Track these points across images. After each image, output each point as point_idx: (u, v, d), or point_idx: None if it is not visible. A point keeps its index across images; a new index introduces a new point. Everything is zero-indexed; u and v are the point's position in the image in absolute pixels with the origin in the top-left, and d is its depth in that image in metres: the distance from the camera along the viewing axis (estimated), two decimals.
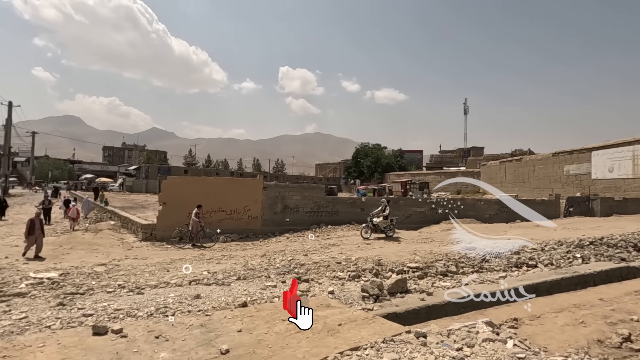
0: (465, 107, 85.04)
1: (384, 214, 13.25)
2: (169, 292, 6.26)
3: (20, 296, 6.22)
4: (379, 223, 13.08)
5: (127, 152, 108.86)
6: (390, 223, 13.28)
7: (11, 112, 38.47)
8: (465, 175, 44.91)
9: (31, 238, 10.06)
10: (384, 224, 13.15)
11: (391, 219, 13.39)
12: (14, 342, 3.90)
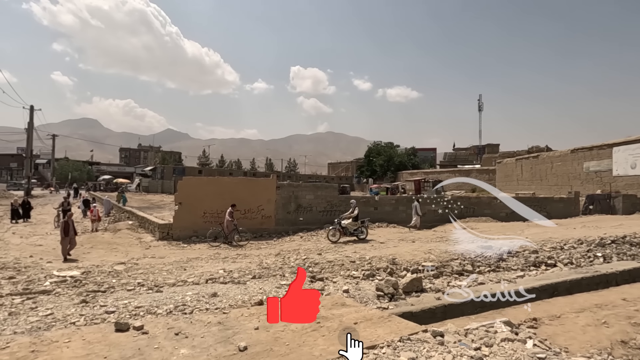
0: (480, 103, 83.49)
1: (352, 215, 12.71)
2: (187, 290, 6.38)
3: (45, 293, 6.44)
4: (348, 225, 12.51)
5: (143, 153, 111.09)
6: (360, 225, 12.73)
7: (33, 116, 39.76)
8: (480, 173, 44.21)
9: (66, 239, 10.30)
10: (354, 225, 12.58)
11: (362, 220, 12.89)
12: (41, 337, 4.06)
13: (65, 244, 10.27)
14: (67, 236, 10.29)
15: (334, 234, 12.49)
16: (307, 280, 7.16)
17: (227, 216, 12.74)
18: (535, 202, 19.25)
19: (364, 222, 12.90)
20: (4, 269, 8.58)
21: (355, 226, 12.67)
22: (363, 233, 12.76)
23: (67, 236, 10.30)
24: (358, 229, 12.69)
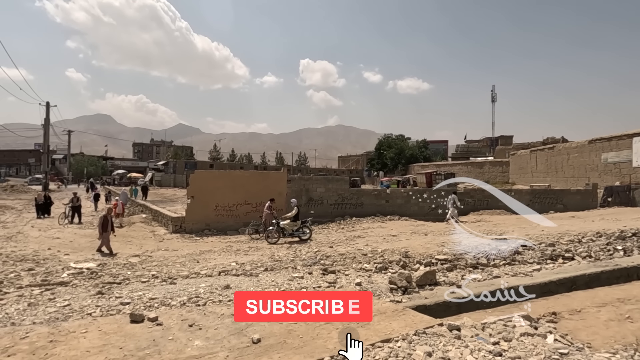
0: (493, 94, 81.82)
1: (291, 215, 12.21)
2: (200, 282, 6.42)
3: (63, 285, 6.57)
4: (286, 226, 12.02)
5: (155, 148, 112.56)
6: (301, 225, 12.24)
7: (49, 112, 40.54)
8: (493, 165, 43.47)
9: (105, 235, 10.24)
10: (293, 226, 12.09)
11: (304, 220, 12.39)
12: (59, 327, 4.12)
13: (106, 239, 10.22)
14: (105, 232, 10.21)
15: (272, 236, 11.96)
16: (319, 273, 7.14)
17: (266, 209, 12.96)
18: (551, 195, 18.83)
19: (305, 222, 12.43)
20: (24, 261, 8.81)
21: (296, 226, 12.15)
22: (305, 234, 12.20)
23: (106, 232, 10.22)
24: (299, 229, 12.18)
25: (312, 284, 6.27)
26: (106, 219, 10.36)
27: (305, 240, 12.01)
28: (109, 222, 10.42)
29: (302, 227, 12.30)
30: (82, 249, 10.89)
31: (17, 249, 10.33)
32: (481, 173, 43.28)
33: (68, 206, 16.47)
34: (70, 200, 16.81)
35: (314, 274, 7.17)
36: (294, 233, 12.14)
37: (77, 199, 16.55)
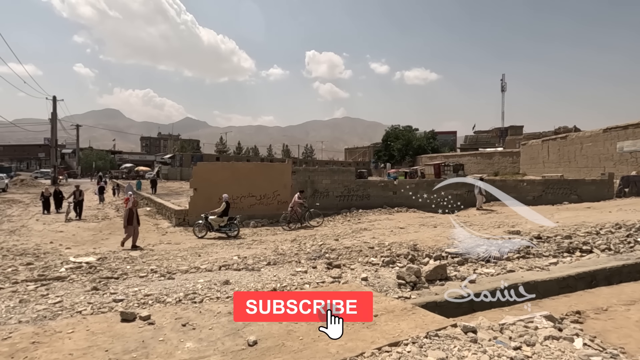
0: (503, 84, 79.98)
1: (218, 210, 11.86)
2: (199, 277, 6.16)
3: (60, 280, 6.36)
4: (212, 221, 11.72)
5: (162, 141, 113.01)
6: (229, 222, 11.87)
7: (56, 106, 40.69)
8: (503, 155, 42.58)
9: (130, 228, 9.97)
10: (220, 222, 11.75)
11: (231, 217, 11.98)
12: (45, 327, 3.88)
13: (130, 232, 9.96)
14: (131, 225, 9.96)
15: (200, 230, 11.79)
16: (323, 267, 6.84)
17: (296, 199, 13.32)
18: (565, 185, 18.21)
19: (233, 218, 12.05)
20: (24, 255, 8.67)
21: (222, 222, 11.80)
22: (232, 230, 11.84)
23: (131, 225, 9.96)
24: (226, 225, 11.82)
25: (316, 279, 5.96)
26: (131, 212, 10.06)
27: (232, 237, 11.58)
28: (135, 215, 10.11)
29: (230, 224, 11.88)
30: (84, 242, 10.76)
31: (19, 242, 10.23)
32: (490, 164, 42.44)
33: (69, 201, 15.67)
34: (71, 193, 15.95)
35: (318, 268, 6.86)
36: (220, 229, 11.77)
37: (79, 192, 15.70)
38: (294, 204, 13.31)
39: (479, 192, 15.11)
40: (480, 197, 15.08)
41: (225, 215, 11.82)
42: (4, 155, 75.57)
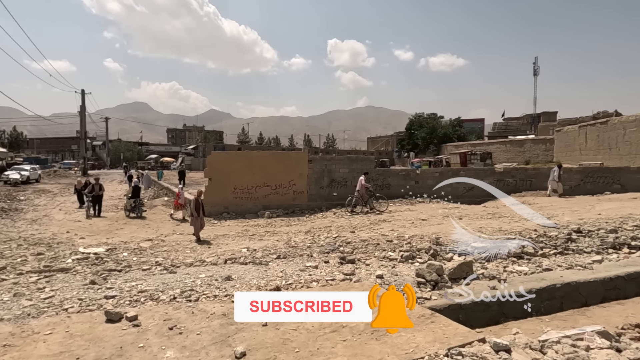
0: (535, 67, 75.60)
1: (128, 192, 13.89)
2: (201, 271, 5.80)
3: (64, 271, 6.18)
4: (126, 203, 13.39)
5: (187, 133, 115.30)
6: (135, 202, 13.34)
7: (84, 99, 41.94)
8: (535, 143, 40.23)
9: (197, 219, 9.51)
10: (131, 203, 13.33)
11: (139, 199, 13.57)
12: (24, 326, 3.59)
13: (197, 223, 9.49)
14: (198, 215, 9.50)
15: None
16: (336, 262, 6.31)
17: (363, 182, 13.12)
18: (607, 173, 16.69)
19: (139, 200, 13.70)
20: (38, 244, 8.67)
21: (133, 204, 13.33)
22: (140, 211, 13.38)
23: (199, 215, 9.51)
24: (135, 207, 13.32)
25: (326, 276, 5.45)
26: (198, 202, 9.60)
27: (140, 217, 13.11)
28: (201, 206, 9.65)
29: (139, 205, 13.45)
30: (99, 232, 10.75)
31: (38, 232, 10.33)
32: (521, 152, 40.20)
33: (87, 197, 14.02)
34: (90, 187, 14.34)
35: (331, 263, 6.35)
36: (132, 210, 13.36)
37: (99, 186, 14.16)
38: (360, 187, 13.03)
39: (554, 178, 14.18)
40: (555, 184, 14.17)
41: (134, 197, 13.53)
42: (41, 148, 79.60)
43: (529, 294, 5.09)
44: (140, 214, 13.27)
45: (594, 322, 3.31)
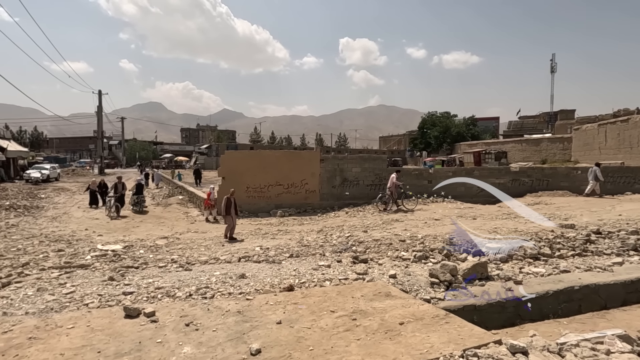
0: (553, 64, 73.72)
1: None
2: (216, 269, 5.89)
3: (83, 268, 6.36)
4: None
5: (201, 132, 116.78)
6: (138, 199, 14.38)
7: (101, 99, 42.94)
8: (552, 142, 39.32)
9: (228, 218, 9.37)
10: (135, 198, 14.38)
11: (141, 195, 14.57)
12: (48, 320, 3.72)
13: (229, 222, 9.33)
14: (228, 214, 9.33)
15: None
16: (348, 262, 6.32)
17: (395, 180, 13.04)
18: (628, 173, 16.18)
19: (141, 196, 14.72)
20: (58, 241, 8.92)
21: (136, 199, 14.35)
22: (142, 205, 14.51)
23: (229, 214, 9.33)
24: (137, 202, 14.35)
25: (339, 275, 5.46)
26: (229, 201, 9.43)
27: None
28: (232, 204, 9.45)
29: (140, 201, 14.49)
30: (116, 229, 10.99)
31: (58, 229, 10.63)
32: (538, 151, 39.33)
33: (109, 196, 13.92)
34: (112, 186, 14.25)
35: (343, 262, 6.36)
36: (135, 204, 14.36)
37: (122, 185, 14.08)
38: (391, 184, 12.94)
39: (594, 177, 13.88)
40: (593, 183, 13.88)
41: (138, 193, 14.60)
42: (60, 147, 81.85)
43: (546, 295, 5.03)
44: (141, 209, 14.14)
45: (614, 325, 3.23)
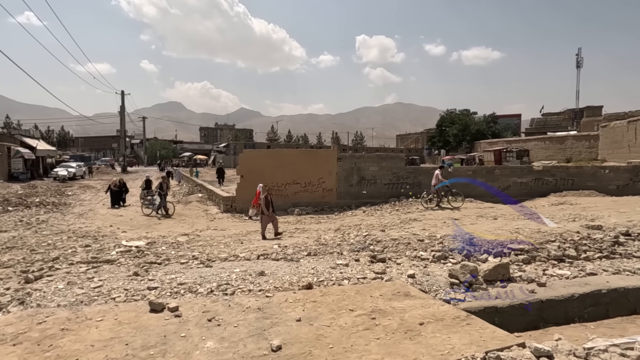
0: (579, 59, 71.10)
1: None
2: (236, 266, 5.99)
3: (109, 263, 6.60)
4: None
5: (219, 131, 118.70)
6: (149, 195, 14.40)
7: (124, 100, 44.23)
8: (577, 139, 37.96)
9: (266, 217, 9.15)
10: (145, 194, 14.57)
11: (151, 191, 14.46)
12: (78, 312, 3.88)
13: (266, 221, 9.14)
14: (268, 213, 9.10)
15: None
16: (366, 261, 6.32)
17: (439, 177, 13.05)
18: None
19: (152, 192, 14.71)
20: (85, 237, 9.27)
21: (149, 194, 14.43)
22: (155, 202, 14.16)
23: (267, 214, 9.10)
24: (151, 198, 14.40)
25: (357, 274, 5.47)
26: (267, 200, 9.18)
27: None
28: (270, 203, 9.22)
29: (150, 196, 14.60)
30: (139, 226, 11.33)
31: (85, 225, 11.04)
32: (562, 149, 38.04)
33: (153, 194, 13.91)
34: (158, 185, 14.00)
35: (361, 261, 6.36)
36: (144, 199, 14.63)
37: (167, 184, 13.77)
38: (436, 181, 13.02)
39: None
40: None
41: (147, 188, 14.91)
42: (85, 146, 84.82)
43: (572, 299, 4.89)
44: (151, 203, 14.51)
45: None
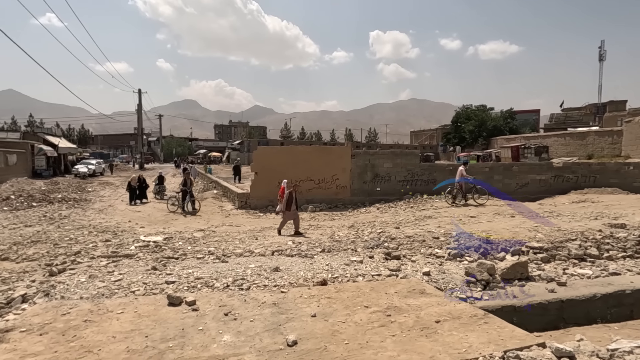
0: (601, 52, 68.58)
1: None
2: (251, 262, 6.06)
3: (128, 257, 6.77)
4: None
5: (233, 129, 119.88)
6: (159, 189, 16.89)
7: (141, 98, 45.13)
8: (599, 135, 36.73)
9: (289, 214, 8.96)
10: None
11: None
12: (100, 305, 4.00)
13: (287, 218, 8.97)
14: (288, 210, 8.91)
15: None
16: (380, 258, 6.29)
17: (464, 173, 12.92)
18: None
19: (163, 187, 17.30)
20: (105, 232, 9.53)
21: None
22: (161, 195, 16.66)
23: (288, 211, 8.91)
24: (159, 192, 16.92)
25: (371, 271, 5.46)
26: (291, 196, 8.95)
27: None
28: (294, 200, 8.98)
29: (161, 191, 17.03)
30: (157, 222, 11.58)
31: (104, 220, 11.35)
32: (583, 145, 36.87)
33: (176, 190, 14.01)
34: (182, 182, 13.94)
35: (376, 258, 6.34)
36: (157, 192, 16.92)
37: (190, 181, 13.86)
38: (459, 178, 12.93)
39: None
40: None
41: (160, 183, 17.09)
42: (104, 144, 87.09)
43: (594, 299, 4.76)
44: (162, 197, 16.15)
45: None
